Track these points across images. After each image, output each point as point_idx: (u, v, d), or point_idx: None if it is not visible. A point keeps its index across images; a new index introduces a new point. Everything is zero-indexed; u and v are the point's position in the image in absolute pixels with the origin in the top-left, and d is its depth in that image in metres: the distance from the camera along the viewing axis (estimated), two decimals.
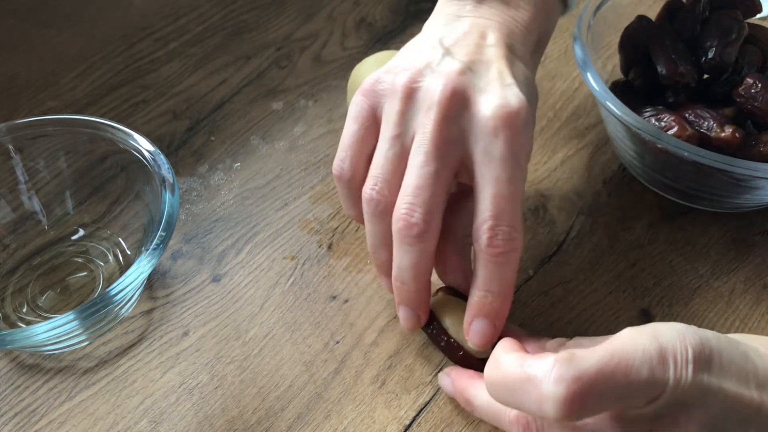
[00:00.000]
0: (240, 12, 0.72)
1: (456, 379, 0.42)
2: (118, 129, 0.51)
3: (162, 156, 0.50)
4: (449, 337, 0.44)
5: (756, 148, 0.49)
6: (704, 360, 0.29)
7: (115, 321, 0.50)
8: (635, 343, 0.29)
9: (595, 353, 0.29)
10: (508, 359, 0.31)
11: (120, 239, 0.53)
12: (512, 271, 0.39)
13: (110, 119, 0.51)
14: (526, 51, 0.44)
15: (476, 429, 0.44)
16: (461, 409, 0.45)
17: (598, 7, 0.56)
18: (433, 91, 0.39)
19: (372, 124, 0.42)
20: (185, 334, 0.49)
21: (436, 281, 0.46)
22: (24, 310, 0.50)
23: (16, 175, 0.53)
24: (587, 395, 0.28)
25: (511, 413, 0.37)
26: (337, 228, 0.55)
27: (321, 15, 0.72)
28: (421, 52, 0.42)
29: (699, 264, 0.52)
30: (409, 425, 0.45)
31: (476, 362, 0.43)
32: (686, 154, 0.46)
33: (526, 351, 0.34)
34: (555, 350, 0.40)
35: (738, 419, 0.30)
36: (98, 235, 0.54)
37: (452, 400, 0.45)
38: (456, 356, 0.44)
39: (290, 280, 0.52)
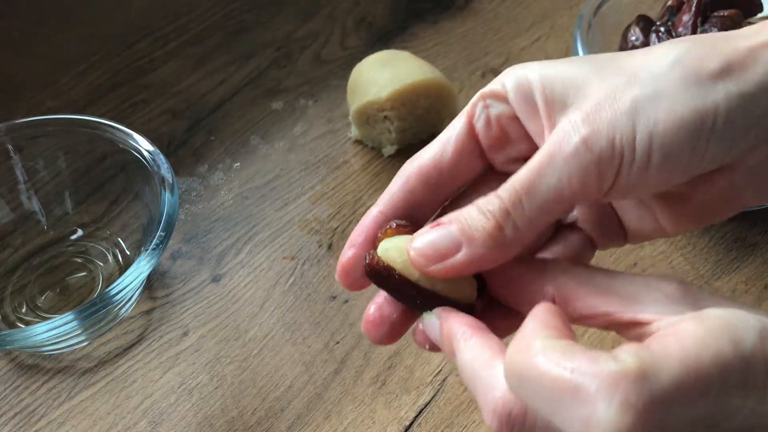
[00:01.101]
0: (240, 11, 0.72)
1: (446, 319, 0.28)
2: (118, 129, 0.51)
3: (161, 156, 0.49)
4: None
5: None
6: None
7: (115, 321, 0.50)
8: (715, 353, 0.22)
9: (671, 366, 0.22)
10: (547, 350, 0.23)
11: (119, 239, 0.53)
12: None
13: (110, 119, 0.51)
14: None
15: (477, 430, 0.44)
16: (461, 409, 0.45)
17: (599, 7, 0.56)
18: None
19: None
20: (185, 334, 0.49)
21: None
22: (23, 310, 0.50)
23: (16, 175, 0.52)
24: (659, 425, 0.22)
25: (497, 394, 0.25)
26: (337, 228, 0.55)
27: (321, 15, 0.72)
28: None
29: (700, 264, 0.52)
30: (409, 426, 0.45)
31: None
32: None
33: (569, 328, 0.25)
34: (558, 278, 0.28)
35: None
36: (97, 235, 0.54)
37: (452, 400, 0.45)
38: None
39: (290, 281, 0.52)
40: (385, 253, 0.27)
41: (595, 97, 0.26)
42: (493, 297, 0.29)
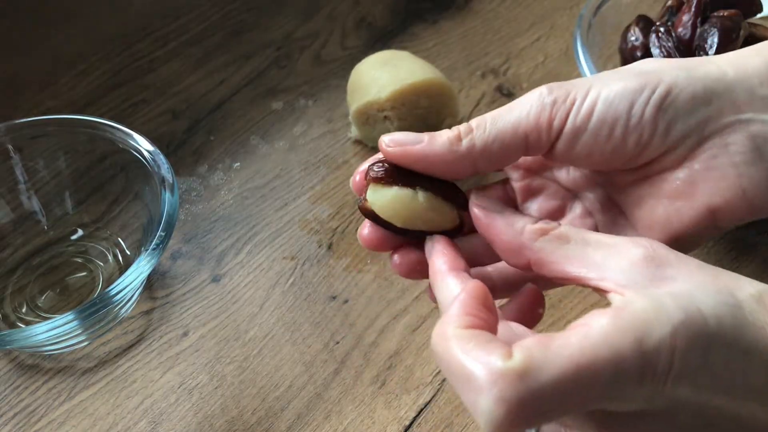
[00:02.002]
0: (240, 11, 0.72)
1: (431, 252, 0.32)
2: (118, 129, 0.51)
3: (161, 156, 0.49)
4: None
5: None
6: (691, 370, 0.25)
7: (115, 321, 0.50)
8: (612, 349, 0.24)
9: (555, 364, 0.24)
10: (457, 338, 0.26)
11: (119, 239, 0.53)
12: None
13: (109, 119, 0.51)
14: None
15: (477, 430, 0.44)
16: (461, 409, 0.45)
17: (599, 7, 0.56)
18: None
19: None
20: (185, 334, 0.49)
21: None
22: (23, 310, 0.50)
23: (16, 175, 0.52)
24: (530, 417, 0.25)
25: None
26: (337, 228, 0.55)
27: (321, 15, 0.72)
28: None
29: None
30: (409, 426, 0.45)
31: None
32: None
33: (489, 313, 0.28)
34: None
35: (704, 425, 0.27)
36: (98, 235, 0.54)
37: (452, 401, 0.45)
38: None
39: (290, 281, 0.52)
40: (372, 205, 0.32)
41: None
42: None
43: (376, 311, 0.50)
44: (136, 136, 0.50)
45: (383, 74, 0.57)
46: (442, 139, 0.31)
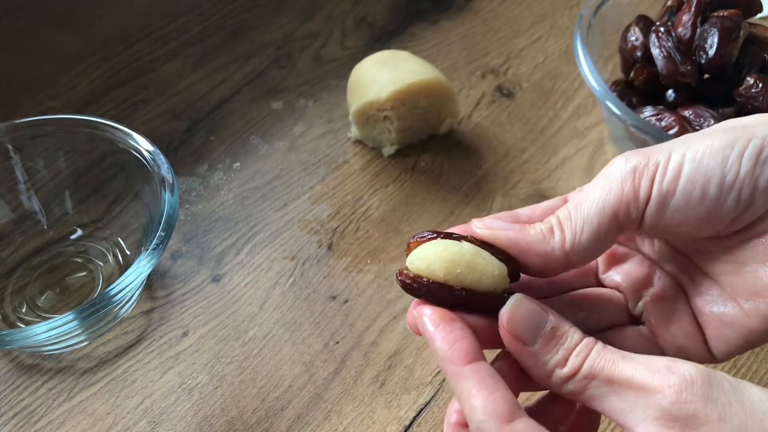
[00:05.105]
0: (240, 11, 0.72)
1: (439, 329, 0.29)
2: (118, 129, 0.51)
3: (161, 156, 0.49)
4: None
5: None
6: None
7: (115, 321, 0.50)
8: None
9: None
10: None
11: (119, 239, 0.53)
12: None
13: (110, 119, 0.51)
14: None
15: None
16: None
17: (599, 7, 0.56)
18: None
19: None
20: (185, 334, 0.49)
21: None
22: (23, 310, 0.50)
23: (16, 175, 0.52)
24: None
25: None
26: (337, 228, 0.55)
27: (321, 15, 0.72)
28: None
29: None
30: (409, 426, 0.45)
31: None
32: None
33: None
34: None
35: None
36: (97, 235, 0.54)
37: (453, 401, 0.45)
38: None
39: (290, 281, 0.52)
40: (411, 265, 0.30)
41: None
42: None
43: (376, 311, 0.50)
44: (136, 136, 0.50)
45: (383, 74, 0.57)
46: (534, 230, 0.30)
